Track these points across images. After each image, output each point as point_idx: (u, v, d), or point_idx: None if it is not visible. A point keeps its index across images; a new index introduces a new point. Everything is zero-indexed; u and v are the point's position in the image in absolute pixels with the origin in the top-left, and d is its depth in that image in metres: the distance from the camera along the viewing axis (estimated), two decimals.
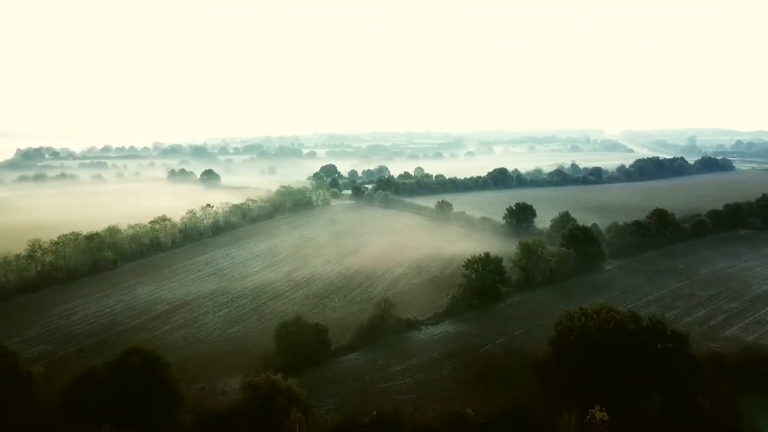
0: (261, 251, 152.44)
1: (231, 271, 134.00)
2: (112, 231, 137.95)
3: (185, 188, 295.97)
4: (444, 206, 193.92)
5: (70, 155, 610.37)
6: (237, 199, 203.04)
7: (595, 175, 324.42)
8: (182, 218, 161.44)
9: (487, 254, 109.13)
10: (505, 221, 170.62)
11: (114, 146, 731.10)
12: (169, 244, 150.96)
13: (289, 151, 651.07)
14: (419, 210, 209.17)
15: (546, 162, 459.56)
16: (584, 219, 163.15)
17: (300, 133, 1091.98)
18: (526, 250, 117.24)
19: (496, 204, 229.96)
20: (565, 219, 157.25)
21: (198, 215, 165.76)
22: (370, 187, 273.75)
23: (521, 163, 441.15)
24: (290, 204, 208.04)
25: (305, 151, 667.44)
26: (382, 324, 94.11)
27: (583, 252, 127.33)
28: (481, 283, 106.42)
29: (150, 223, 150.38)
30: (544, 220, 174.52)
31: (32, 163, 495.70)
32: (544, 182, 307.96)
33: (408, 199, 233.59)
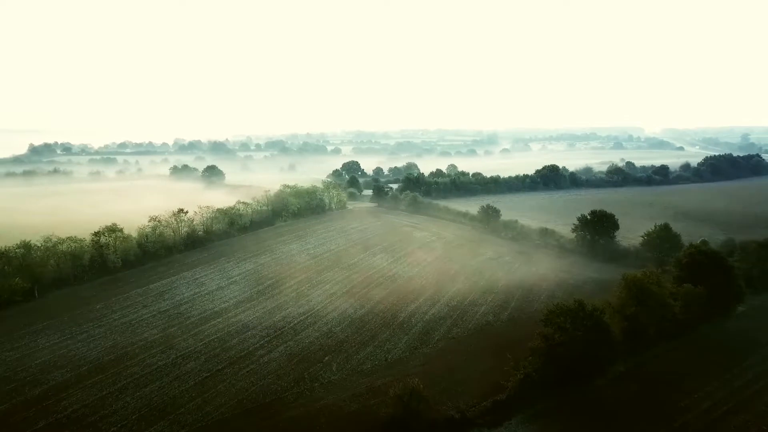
0: (242, 274, 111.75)
1: (191, 307, 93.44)
2: (27, 247, 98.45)
3: (184, 186, 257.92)
4: (489, 212, 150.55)
5: (83, 151, 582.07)
6: (238, 199, 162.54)
7: (661, 175, 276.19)
8: (142, 227, 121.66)
9: (580, 303, 66.14)
10: (575, 235, 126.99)
11: (133, 142, 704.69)
12: (119, 264, 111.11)
13: (313, 147, 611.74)
14: (456, 217, 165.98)
15: (590, 160, 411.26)
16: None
17: (327, 131, 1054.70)
18: (637, 289, 73.81)
19: (551, 209, 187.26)
20: (663, 235, 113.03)
21: (165, 223, 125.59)
22: (395, 187, 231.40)
23: (564, 161, 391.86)
24: (295, 208, 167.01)
25: (330, 148, 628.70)
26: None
27: (715, 289, 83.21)
28: (571, 350, 63.79)
29: (93, 235, 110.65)
30: (624, 233, 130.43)
31: (39, 158, 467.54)
32: (602, 182, 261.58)
33: (442, 202, 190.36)
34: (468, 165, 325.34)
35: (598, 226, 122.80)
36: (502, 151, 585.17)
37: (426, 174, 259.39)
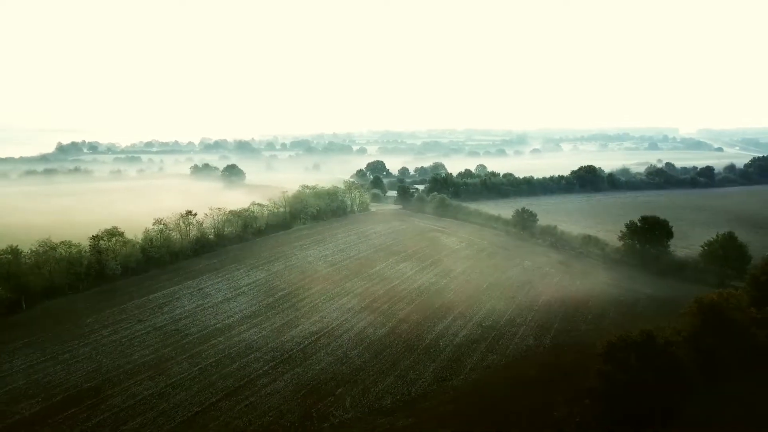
0: (253, 284, 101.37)
1: (191, 322, 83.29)
2: (16, 253, 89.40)
3: (202, 185, 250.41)
4: (525, 216, 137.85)
5: (109, 150, 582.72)
6: (257, 199, 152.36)
7: (706, 176, 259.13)
8: (147, 231, 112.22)
9: (648, 336, 53.72)
10: (622, 243, 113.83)
11: (160, 141, 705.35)
12: (119, 272, 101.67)
13: (339, 147, 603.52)
14: (488, 221, 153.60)
15: (625, 161, 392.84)
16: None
17: (353, 130, 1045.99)
18: (713, 315, 61.09)
19: (590, 213, 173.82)
20: (727, 245, 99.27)
21: (172, 227, 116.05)
22: (421, 188, 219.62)
23: (597, 161, 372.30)
24: (314, 210, 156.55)
25: (355, 147, 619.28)
26: None
27: None
28: (637, 392, 51.68)
29: (91, 239, 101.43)
30: (674, 241, 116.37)
31: (65, 157, 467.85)
32: (642, 184, 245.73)
33: (471, 205, 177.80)
34: (497, 165, 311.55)
35: (649, 234, 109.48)
36: (533, 152, 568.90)
37: (454, 174, 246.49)
